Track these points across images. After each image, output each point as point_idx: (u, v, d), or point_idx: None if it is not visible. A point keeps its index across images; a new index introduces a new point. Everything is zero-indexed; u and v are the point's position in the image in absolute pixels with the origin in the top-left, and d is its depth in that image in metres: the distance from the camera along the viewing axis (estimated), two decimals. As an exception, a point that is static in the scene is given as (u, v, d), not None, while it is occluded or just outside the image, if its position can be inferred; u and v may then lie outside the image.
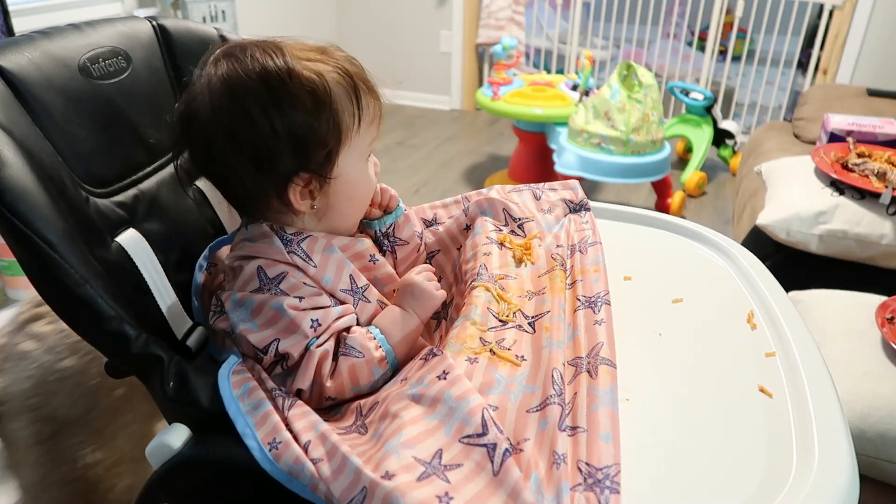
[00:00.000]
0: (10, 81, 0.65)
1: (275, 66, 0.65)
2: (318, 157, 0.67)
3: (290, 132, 0.65)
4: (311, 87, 0.65)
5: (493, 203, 0.86)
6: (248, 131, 0.65)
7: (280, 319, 0.65)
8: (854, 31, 3.03)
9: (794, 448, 0.57)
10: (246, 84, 0.65)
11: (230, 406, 0.60)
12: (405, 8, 3.86)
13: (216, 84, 0.66)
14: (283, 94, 0.65)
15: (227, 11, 2.51)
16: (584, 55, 2.65)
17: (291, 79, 0.65)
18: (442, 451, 0.54)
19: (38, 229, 0.58)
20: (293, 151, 0.66)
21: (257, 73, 0.65)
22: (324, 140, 0.67)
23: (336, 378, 0.65)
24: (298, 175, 0.67)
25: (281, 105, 0.65)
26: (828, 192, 1.58)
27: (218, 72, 0.66)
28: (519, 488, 0.50)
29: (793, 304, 0.76)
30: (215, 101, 0.65)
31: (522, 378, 0.63)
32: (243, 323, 0.66)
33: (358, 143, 0.70)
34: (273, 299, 0.66)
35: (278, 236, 0.69)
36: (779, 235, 1.58)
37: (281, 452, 0.56)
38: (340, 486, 0.53)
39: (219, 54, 0.67)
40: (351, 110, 0.68)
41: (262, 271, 0.67)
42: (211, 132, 0.66)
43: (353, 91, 0.68)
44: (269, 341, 0.65)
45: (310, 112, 0.65)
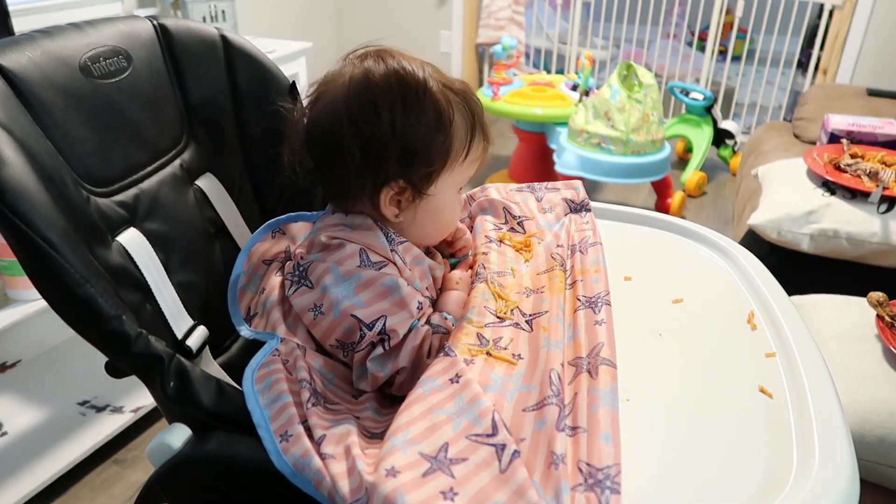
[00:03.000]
0: (11, 80, 0.65)
1: (415, 76, 0.69)
2: (419, 172, 0.70)
3: (405, 138, 0.68)
4: (438, 106, 0.69)
5: (494, 203, 0.87)
6: (369, 122, 0.68)
7: (389, 295, 0.67)
8: (854, 31, 3.03)
9: (794, 448, 0.57)
10: (385, 81, 0.68)
11: (249, 399, 0.61)
12: (405, 8, 3.86)
13: (358, 75, 0.69)
14: (413, 102, 0.68)
15: (227, 11, 2.51)
16: (584, 55, 2.65)
17: (425, 93, 0.68)
18: (448, 445, 0.54)
19: (39, 229, 0.58)
20: (400, 157, 0.68)
21: (398, 76, 0.68)
22: (431, 158, 0.70)
23: (432, 356, 0.67)
24: (396, 181, 0.69)
25: (408, 111, 0.68)
26: (819, 193, 1.59)
27: (363, 64, 0.69)
28: (525, 487, 0.50)
29: (793, 305, 0.76)
30: (352, 86, 0.68)
31: (519, 377, 0.63)
32: (348, 299, 0.67)
33: (458, 173, 0.73)
34: (385, 276, 0.68)
35: (382, 232, 0.71)
36: (770, 235, 1.59)
37: (290, 444, 0.56)
38: (347, 487, 0.53)
39: (369, 51, 0.71)
40: (464, 142, 0.71)
41: (364, 254, 0.69)
42: (337, 112, 0.68)
43: (471, 127, 0.72)
44: (377, 316, 0.66)
45: (430, 128, 0.69)
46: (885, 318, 1.12)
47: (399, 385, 0.68)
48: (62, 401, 1.56)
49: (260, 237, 0.82)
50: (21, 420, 1.49)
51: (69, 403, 1.55)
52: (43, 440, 1.44)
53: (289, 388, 0.62)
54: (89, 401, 1.56)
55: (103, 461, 1.48)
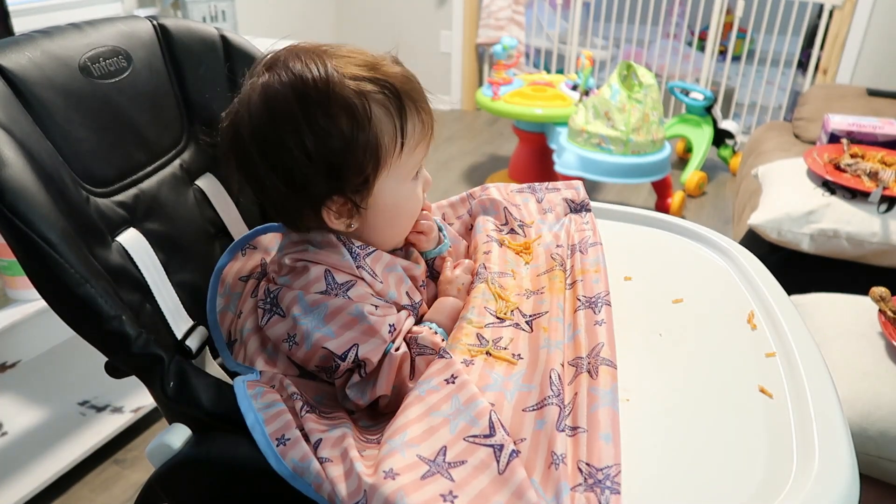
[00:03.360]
0: (11, 81, 0.65)
1: (313, 81, 0.62)
2: (353, 182, 0.64)
3: (323, 155, 0.62)
4: (349, 108, 0.62)
5: (495, 203, 0.87)
6: (280, 152, 0.63)
7: (357, 324, 0.64)
8: (854, 31, 3.03)
9: (794, 448, 0.57)
10: (282, 101, 0.62)
11: (242, 402, 0.60)
12: (405, 8, 3.85)
13: (255, 97, 0.64)
14: (318, 114, 0.62)
15: (227, 11, 2.51)
16: (584, 55, 2.65)
17: (329, 99, 0.62)
18: (446, 448, 0.54)
19: (39, 229, 0.58)
20: (326, 175, 0.63)
21: (293, 89, 0.62)
22: (360, 165, 0.64)
23: (416, 377, 0.66)
24: (331, 198, 0.65)
25: (315, 126, 0.62)
26: (819, 193, 1.59)
27: (259, 83, 0.64)
28: (524, 488, 0.50)
29: (793, 305, 0.76)
30: (254, 117, 0.63)
31: (519, 377, 0.63)
32: (318, 331, 0.64)
33: (400, 166, 0.67)
34: (351, 304, 0.65)
35: (346, 248, 0.67)
36: (770, 235, 1.59)
37: (288, 449, 0.56)
38: (345, 490, 0.53)
39: (266, 63, 0.65)
40: (392, 134, 0.64)
41: (329, 275, 0.66)
42: (248, 147, 0.64)
43: (397, 113, 0.64)
44: (349, 347, 0.64)
45: (345, 136, 0.62)
46: (887, 312, 1.12)
47: (384, 406, 0.66)
48: (62, 401, 1.56)
49: (229, 259, 0.78)
50: (21, 420, 1.49)
51: (69, 403, 1.55)
52: (43, 440, 1.44)
53: (281, 399, 0.62)
54: (89, 401, 1.56)
55: (103, 461, 1.48)
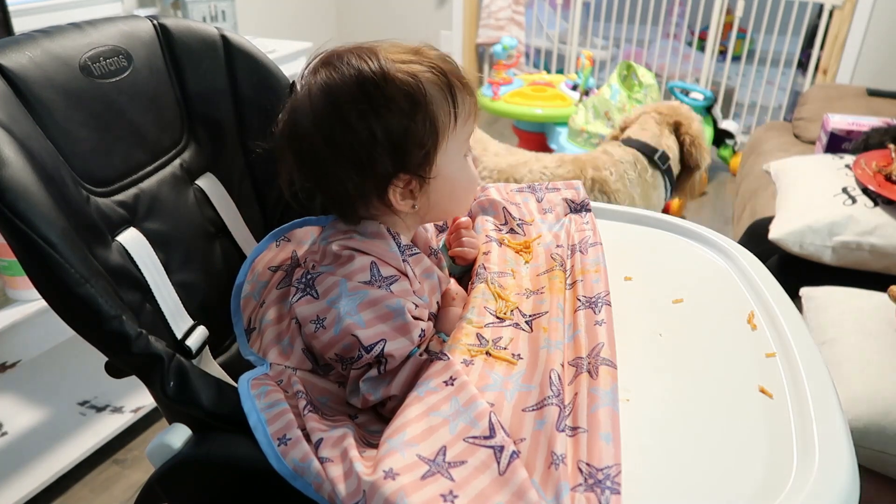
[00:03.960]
0: (11, 80, 0.65)
1: (370, 70, 0.66)
2: (416, 158, 0.68)
3: (387, 135, 0.66)
4: (406, 89, 0.66)
5: (494, 203, 0.87)
6: (347, 137, 0.66)
7: (392, 319, 0.65)
8: (854, 31, 3.03)
9: (794, 448, 0.57)
10: (344, 91, 0.66)
11: (245, 402, 0.60)
12: (405, 8, 3.85)
13: (316, 93, 0.67)
14: (379, 98, 0.65)
15: (227, 11, 2.51)
16: (584, 55, 2.65)
17: (387, 82, 0.66)
18: (446, 448, 0.54)
19: (39, 229, 0.58)
20: (391, 154, 0.67)
21: (354, 80, 0.66)
22: (421, 141, 0.67)
23: None
24: (398, 176, 0.68)
25: (378, 109, 0.65)
26: (840, 201, 1.54)
27: (317, 80, 0.67)
28: (525, 488, 0.50)
29: (793, 304, 0.76)
30: (316, 109, 0.67)
31: (518, 377, 0.63)
32: (349, 317, 0.65)
33: (455, 140, 0.70)
34: (392, 298, 0.66)
35: (395, 241, 0.70)
36: (792, 248, 1.53)
37: (289, 448, 0.56)
38: (346, 489, 0.53)
39: (317, 63, 0.69)
40: (447, 109, 0.68)
41: (375, 267, 0.68)
42: (313, 140, 0.67)
43: (448, 89, 0.68)
44: (377, 340, 0.64)
45: (406, 114, 0.66)
46: None
47: (390, 409, 0.66)
48: (62, 401, 1.56)
49: (264, 247, 0.80)
50: (21, 420, 1.49)
51: (69, 403, 1.55)
52: (43, 440, 1.44)
53: (284, 398, 0.62)
54: (89, 401, 1.56)
55: (103, 461, 1.48)
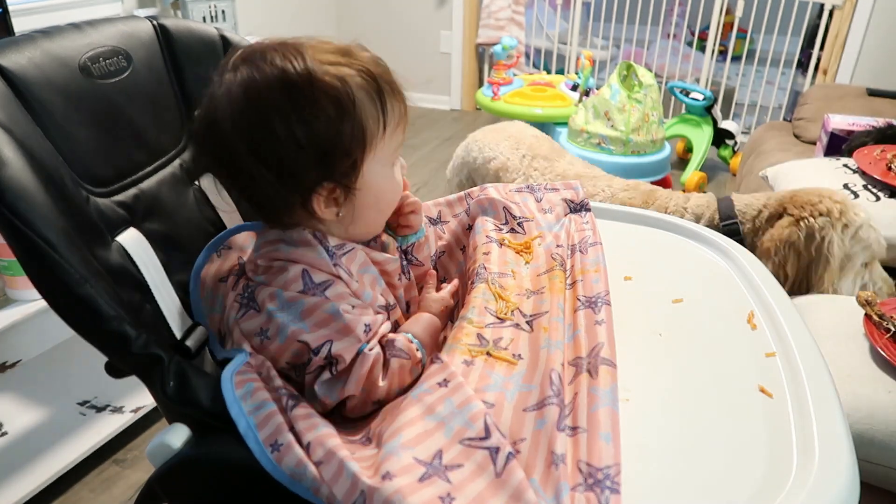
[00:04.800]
0: (11, 81, 0.65)
1: (295, 72, 0.62)
2: (342, 167, 0.65)
3: (312, 142, 0.63)
4: (333, 93, 0.63)
5: (494, 202, 0.87)
6: (269, 142, 0.63)
7: (332, 322, 0.64)
8: (854, 31, 3.03)
9: (794, 448, 0.57)
10: (266, 92, 0.62)
11: (232, 407, 0.60)
12: (405, 8, 3.86)
13: (236, 92, 0.63)
14: (304, 102, 0.62)
15: (227, 11, 2.51)
16: (584, 55, 2.65)
17: (313, 86, 0.62)
18: (442, 451, 0.54)
19: (38, 229, 0.58)
20: (316, 162, 0.64)
21: (277, 80, 0.62)
22: (348, 149, 0.65)
23: (388, 379, 0.66)
24: (322, 185, 0.66)
25: (302, 114, 0.62)
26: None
27: (237, 78, 0.64)
28: (522, 489, 0.50)
29: (793, 305, 0.76)
30: (235, 110, 0.63)
31: (519, 377, 0.63)
32: (293, 324, 0.64)
33: (383, 148, 0.68)
34: (327, 303, 0.65)
35: (322, 246, 0.67)
36: None
37: (283, 455, 0.56)
38: (341, 490, 0.53)
39: (237, 59, 0.65)
40: (375, 116, 0.66)
41: (307, 275, 0.66)
42: (232, 143, 0.64)
43: (377, 95, 0.65)
44: (323, 342, 0.64)
45: (332, 120, 0.63)
46: (872, 317, 1.13)
47: (351, 409, 0.66)
48: (62, 401, 1.56)
49: (205, 260, 0.77)
50: (21, 420, 1.49)
51: (69, 403, 1.55)
52: (43, 440, 1.44)
53: (270, 396, 0.61)
54: (89, 401, 1.56)
55: (103, 461, 1.48)
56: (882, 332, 1.11)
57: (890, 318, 1.11)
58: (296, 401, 0.62)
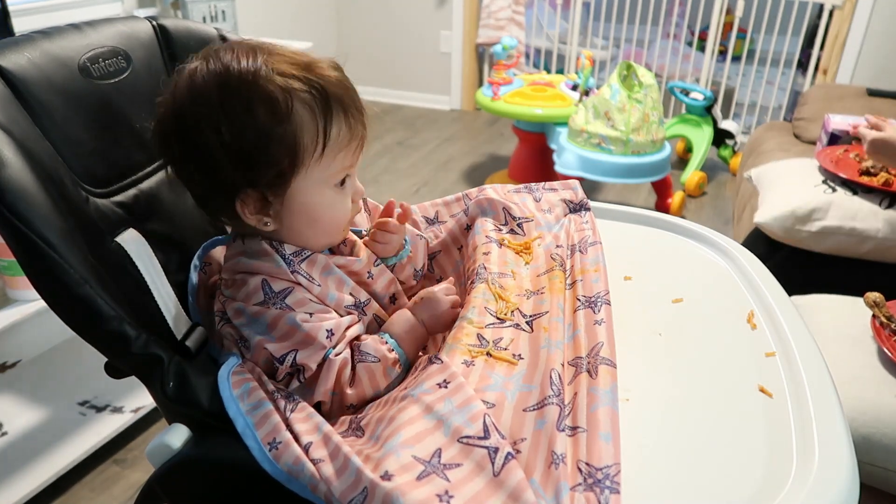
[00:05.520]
0: (10, 81, 0.65)
1: (239, 70, 0.62)
2: (267, 176, 0.64)
3: (237, 144, 0.62)
4: (269, 100, 0.61)
5: (493, 203, 0.87)
6: (196, 136, 0.63)
7: (295, 333, 0.65)
8: (854, 31, 3.03)
9: (794, 448, 0.57)
10: (203, 87, 0.62)
11: (230, 406, 0.60)
12: (405, 8, 3.86)
13: (182, 83, 0.64)
14: (236, 100, 0.61)
15: (227, 11, 2.51)
16: (584, 55, 2.65)
17: (251, 87, 0.61)
18: (441, 450, 0.54)
19: (38, 229, 0.58)
20: (238, 165, 0.63)
21: (217, 75, 0.62)
22: (274, 159, 0.63)
23: (356, 385, 0.66)
24: (245, 190, 0.65)
25: (232, 114, 0.61)
26: (821, 190, 1.60)
27: (187, 69, 0.64)
28: (521, 489, 0.50)
29: (793, 305, 0.76)
30: (176, 100, 0.64)
31: (519, 377, 0.63)
32: (259, 335, 0.65)
33: (321, 168, 0.66)
34: (286, 314, 0.65)
35: (279, 254, 0.67)
36: (776, 233, 1.59)
37: (281, 452, 0.57)
38: (341, 487, 0.53)
39: (201, 52, 0.65)
40: (314, 134, 0.64)
41: (266, 285, 0.66)
42: (169, 131, 0.65)
43: (323, 115, 0.64)
44: (286, 351, 0.64)
45: (262, 127, 0.62)
46: (880, 318, 1.12)
47: (326, 413, 0.66)
48: (62, 401, 1.56)
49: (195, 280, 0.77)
50: (21, 420, 1.49)
51: (69, 403, 1.55)
52: (43, 440, 1.44)
53: (266, 396, 0.62)
54: (89, 401, 1.56)
55: (103, 461, 1.48)
56: (890, 333, 1.10)
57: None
58: (292, 401, 0.62)
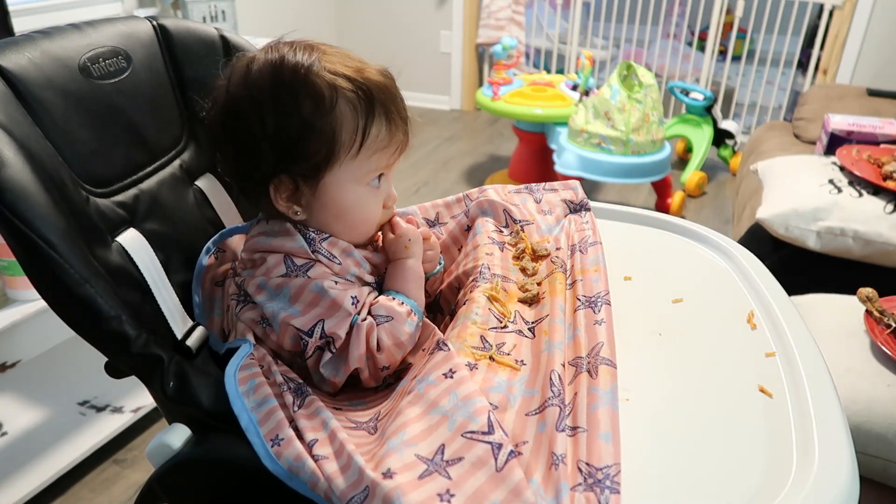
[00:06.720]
0: (11, 81, 0.65)
1: (291, 62, 0.65)
2: (302, 166, 0.67)
3: (278, 132, 0.65)
4: (316, 92, 0.64)
5: (494, 204, 0.87)
6: (240, 118, 0.66)
7: (321, 300, 0.66)
8: (854, 31, 3.03)
9: (794, 448, 0.57)
10: (258, 75, 0.66)
11: (235, 403, 0.61)
12: (405, 8, 3.85)
13: (238, 69, 0.68)
14: (284, 90, 0.65)
15: (227, 11, 2.51)
16: (584, 55, 2.65)
17: (299, 79, 0.65)
18: (444, 445, 0.54)
19: (39, 229, 0.58)
20: (276, 151, 0.66)
21: (271, 67, 0.66)
22: (311, 150, 0.66)
23: (382, 347, 0.67)
24: (279, 177, 0.67)
25: (278, 103, 0.65)
26: (826, 190, 1.59)
27: (246, 57, 0.68)
28: (521, 487, 0.50)
29: (793, 304, 0.76)
30: (231, 84, 0.67)
31: (522, 383, 0.63)
32: (284, 311, 0.66)
33: (355, 166, 0.68)
34: (311, 282, 0.66)
35: (301, 234, 0.69)
36: (777, 231, 1.58)
37: (282, 449, 0.57)
38: (342, 485, 0.53)
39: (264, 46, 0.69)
40: (352, 131, 0.66)
41: (289, 259, 0.68)
42: (219, 114, 0.68)
43: (365, 115, 0.66)
44: (315, 322, 0.65)
45: (304, 118, 0.65)
46: (873, 313, 1.14)
47: (366, 381, 0.68)
48: (62, 401, 1.56)
49: (204, 263, 0.79)
50: (21, 420, 1.49)
51: (69, 403, 1.55)
52: (43, 440, 1.44)
53: (272, 392, 0.62)
54: (89, 401, 1.56)
55: (103, 461, 1.48)
56: (883, 327, 1.11)
57: (891, 314, 1.12)
58: (300, 396, 0.62)
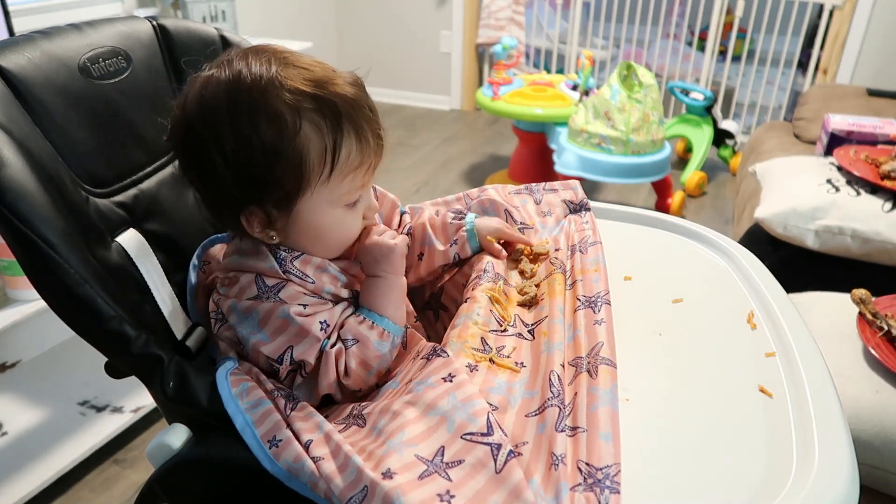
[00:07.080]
0: (10, 81, 0.65)
1: (249, 86, 0.60)
2: (272, 195, 0.63)
3: (240, 162, 0.61)
4: (277, 120, 0.59)
5: (496, 204, 0.87)
6: (201, 150, 0.62)
7: (289, 326, 0.64)
8: (854, 31, 3.03)
9: (794, 448, 0.57)
10: (213, 99, 0.61)
11: (228, 404, 0.60)
12: (405, 8, 3.86)
13: (194, 90, 0.62)
14: (243, 120, 0.60)
15: (227, 11, 2.51)
16: (584, 55, 2.65)
17: (259, 106, 0.59)
18: (444, 447, 0.54)
19: (38, 229, 0.58)
20: (243, 183, 0.62)
21: (228, 90, 0.60)
22: (279, 180, 0.61)
23: (349, 372, 0.66)
24: (249, 208, 0.64)
25: (238, 131, 0.60)
26: (824, 190, 1.59)
27: (203, 75, 0.63)
28: (521, 487, 0.50)
29: (793, 304, 0.76)
30: (187, 108, 0.62)
31: (522, 384, 0.63)
32: (253, 336, 0.65)
33: (328, 190, 0.64)
34: (279, 307, 0.64)
35: (272, 254, 0.67)
36: (776, 230, 1.59)
37: (281, 450, 0.57)
38: (341, 485, 0.53)
39: (221, 57, 0.64)
40: (321, 154, 0.62)
41: (260, 280, 0.66)
42: (179, 140, 0.64)
43: (333, 137, 0.61)
44: (283, 349, 0.64)
45: (267, 147, 0.60)
46: (866, 315, 1.12)
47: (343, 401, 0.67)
48: (62, 401, 1.56)
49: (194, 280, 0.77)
50: (21, 420, 1.49)
51: (69, 403, 1.55)
52: (43, 440, 1.44)
53: (265, 395, 0.62)
54: (89, 401, 1.56)
55: (103, 461, 1.48)
56: (875, 330, 1.10)
57: (884, 316, 1.11)
58: (292, 400, 0.62)
